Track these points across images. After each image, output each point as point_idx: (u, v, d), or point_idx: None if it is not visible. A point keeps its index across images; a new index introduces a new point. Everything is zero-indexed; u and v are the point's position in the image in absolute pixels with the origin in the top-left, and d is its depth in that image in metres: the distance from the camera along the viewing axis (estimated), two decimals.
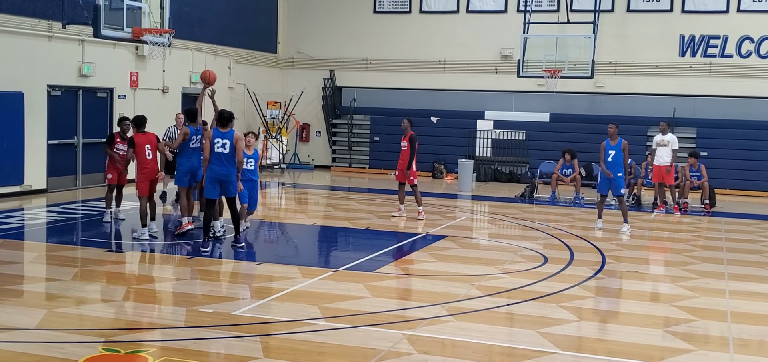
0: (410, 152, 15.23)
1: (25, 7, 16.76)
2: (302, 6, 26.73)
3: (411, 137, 15.27)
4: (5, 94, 16.19)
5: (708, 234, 15.30)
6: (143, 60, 19.80)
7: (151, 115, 19.71)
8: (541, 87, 23.52)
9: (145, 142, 12.35)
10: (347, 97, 26.58)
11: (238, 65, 24.37)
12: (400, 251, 12.36)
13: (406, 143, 15.32)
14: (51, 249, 11.79)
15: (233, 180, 11.43)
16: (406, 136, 15.37)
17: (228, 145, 11.28)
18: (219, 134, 11.32)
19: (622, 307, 9.02)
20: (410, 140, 15.26)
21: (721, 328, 8.30)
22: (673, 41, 23.28)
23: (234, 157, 11.33)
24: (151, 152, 12.34)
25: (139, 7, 15.82)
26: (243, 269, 10.82)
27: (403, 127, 15.49)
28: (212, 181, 11.36)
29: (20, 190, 16.73)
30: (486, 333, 7.87)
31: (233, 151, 11.32)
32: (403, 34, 25.65)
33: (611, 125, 14.83)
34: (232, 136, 11.35)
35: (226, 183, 11.40)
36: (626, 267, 11.35)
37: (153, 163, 12.37)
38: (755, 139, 22.37)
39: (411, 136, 15.27)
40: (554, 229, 14.70)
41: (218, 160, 11.29)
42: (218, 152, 11.27)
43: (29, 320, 7.71)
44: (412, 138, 15.27)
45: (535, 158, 23.34)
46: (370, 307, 8.68)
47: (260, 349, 7.07)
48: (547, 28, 23.52)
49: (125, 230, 13.28)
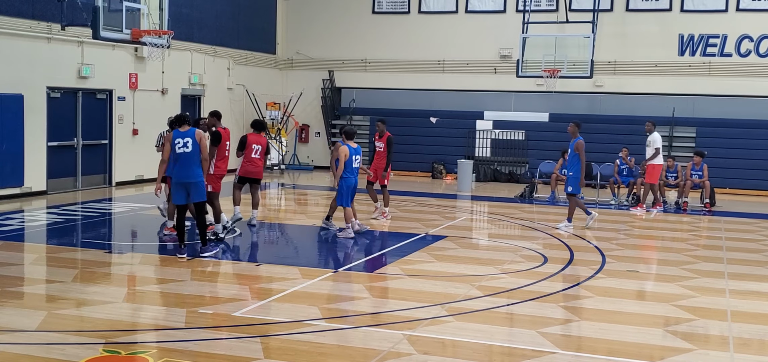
0: (387, 154, 14.98)
1: (25, 9, 16.77)
2: (301, 7, 26.73)
3: (388, 139, 15.01)
4: (5, 96, 16.19)
5: (708, 233, 15.31)
6: (142, 61, 19.80)
7: (151, 116, 19.90)
8: (540, 87, 23.52)
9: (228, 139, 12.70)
10: (346, 98, 26.59)
11: (237, 66, 24.37)
12: (400, 251, 12.35)
13: (383, 144, 15.06)
14: (51, 250, 11.79)
15: (198, 181, 10.88)
16: (382, 137, 15.10)
17: (190, 142, 10.76)
18: (179, 134, 10.82)
19: (622, 307, 9.01)
20: (387, 142, 15.01)
21: (721, 328, 8.31)
22: (672, 40, 23.29)
23: (198, 156, 10.81)
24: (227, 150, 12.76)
25: (138, 9, 15.80)
26: (243, 270, 10.82)
27: (379, 129, 15.26)
28: (177, 185, 10.90)
29: (20, 192, 16.73)
30: (486, 333, 7.88)
31: (197, 149, 10.79)
32: (402, 35, 25.65)
33: (570, 124, 14.91)
34: (194, 134, 10.83)
35: (190, 185, 10.86)
36: (626, 267, 11.35)
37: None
38: (755, 138, 22.38)
39: (388, 138, 15.01)
40: (554, 229, 14.71)
41: (181, 161, 10.80)
42: (179, 153, 10.78)
43: (30, 322, 7.71)
44: (389, 139, 15.00)
45: (534, 158, 23.35)
46: (370, 308, 8.69)
47: (260, 350, 7.07)
48: (546, 27, 23.53)
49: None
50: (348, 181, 13.00)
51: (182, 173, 10.83)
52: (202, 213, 11.18)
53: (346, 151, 12.95)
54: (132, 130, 19.87)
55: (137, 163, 19.91)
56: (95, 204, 16.42)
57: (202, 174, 10.93)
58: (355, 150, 13.08)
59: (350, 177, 13.03)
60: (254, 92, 24.53)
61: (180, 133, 10.87)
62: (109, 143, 19.42)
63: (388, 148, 15.03)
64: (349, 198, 13.11)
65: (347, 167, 12.96)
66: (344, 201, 13.07)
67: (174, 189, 11.03)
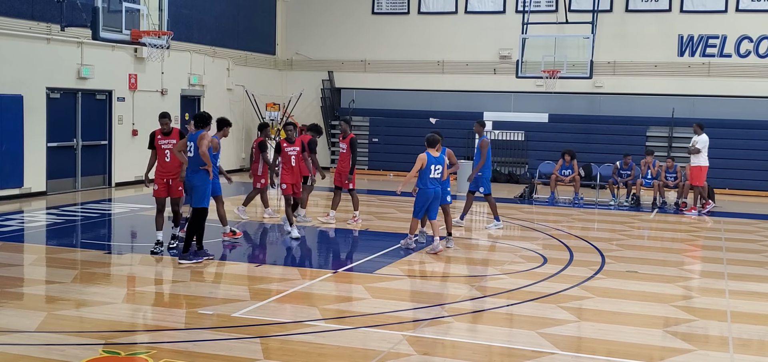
0: (350, 156, 14.33)
1: (24, 9, 16.77)
2: (301, 7, 26.73)
3: (351, 140, 14.34)
4: (4, 96, 16.19)
5: (708, 234, 15.31)
6: (142, 62, 19.80)
7: (151, 117, 19.85)
8: (539, 87, 23.52)
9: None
10: (346, 99, 26.58)
11: (237, 67, 24.37)
12: (400, 252, 12.34)
13: (346, 146, 14.40)
14: (51, 251, 11.78)
15: (195, 184, 10.64)
16: (346, 138, 14.43)
17: (192, 147, 10.67)
18: (191, 136, 10.81)
19: (622, 307, 9.01)
20: (350, 143, 14.34)
21: (721, 328, 8.31)
22: (671, 41, 23.29)
23: (197, 160, 10.61)
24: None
25: (138, 10, 15.81)
26: (243, 271, 10.81)
27: (342, 128, 14.63)
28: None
29: (20, 193, 16.72)
30: (486, 333, 7.88)
31: (196, 153, 10.62)
32: (401, 35, 25.66)
33: (476, 123, 14.98)
34: (197, 138, 10.64)
35: (190, 188, 10.83)
36: (626, 268, 11.35)
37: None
38: (754, 139, 22.39)
39: (351, 139, 14.35)
40: (554, 230, 14.71)
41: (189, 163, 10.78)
42: (189, 156, 10.75)
43: (29, 322, 7.71)
44: (352, 141, 14.36)
45: (534, 159, 23.35)
46: (369, 308, 8.68)
47: (260, 351, 7.07)
48: (546, 28, 23.54)
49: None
50: (425, 192, 11.86)
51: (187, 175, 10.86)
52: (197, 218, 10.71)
53: (423, 158, 11.77)
54: (131, 131, 19.87)
55: (137, 163, 19.84)
56: (95, 205, 16.42)
57: (196, 177, 10.64)
58: (435, 159, 11.84)
59: (428, 187, 11.83)
60: (254, 93, 24.52)
61: (191, 135, 10.80)
62: (108, 144, 19.42)
63: (351, 149, 14.35)
64: (422, 210, 11.97)
65: (424, 177, 11.81)
66: (417, 213, 12.03)
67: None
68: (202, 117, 10.91)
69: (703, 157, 17.62)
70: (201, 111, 11.02)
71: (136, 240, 13.45)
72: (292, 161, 12.90)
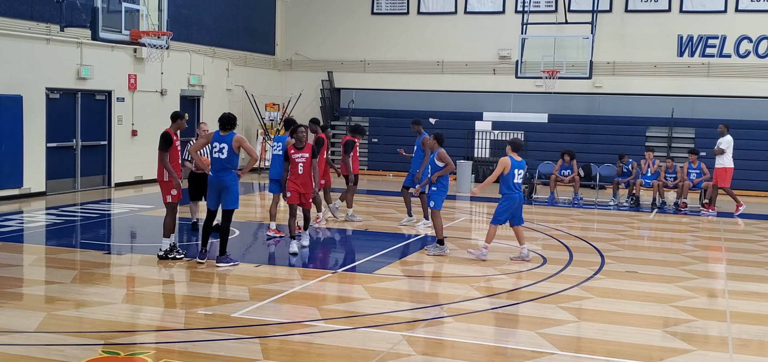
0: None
1: (24, 10, 16.76)
2: (300, 8, 26.73)
3: (316, 140, 13.36)
4: (4, 97, 16.19)
5: (708, 234, 15.31)
6: (141, 62, 19.79)
7: (150, 117, 19.88)
8: (539, 88, 23.52)
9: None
10: (346, 99, 26.58)
11: (237, 67, 24.37)
12: (399, 252, 12.35)
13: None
14: (50, 251, 11.78)
15: (228, 184, 10.45)
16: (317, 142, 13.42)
17: (227, 149, 10.41)
18: (218, 138, 10.56)
19: (622, 307, 9.01)
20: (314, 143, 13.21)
21: (721, 328, 8.31)
22: (671, 41, 23.30)
23: (231, 161, 10.43)
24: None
25: (137, 10, 15.81)
26: (242, 271, 10.81)
27: (311, 129, 13.75)
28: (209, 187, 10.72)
29: (19, 193, 16.72)
30: (485, 333, 7.88)
31: (231, 155, 10.42)
32: (401, 36, 25.66)
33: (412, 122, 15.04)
34: (231, 140, 10.45)
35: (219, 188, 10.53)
36: (625, 268, 11.35)
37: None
38: (754, 139, 22.37)
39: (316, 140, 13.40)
40: (553, 230, 14.71)
41: (214, 164, 10.56)
42: (215, 156, 10.53)
43: (29, 323, 7.71)
44: (318, 141, 13.40)
45: (533, 159, 23.30)
46: (369, 309, 8.68)
47: (259, 351, 7.07)
48: (545, 28, 23.53)
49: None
50: (509, 198, 11.51)
51: (211, 176, 10.58)
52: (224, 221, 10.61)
53: (506, 162, 11.36)
54: (131, 131, 19.86)
55: (136, 164, 19.91)
56: (94, 205, 16.42)
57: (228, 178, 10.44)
58: (518, 163, 11.45)
59: (512, 193, 11.49)
60: (253, 93, 24.52)
61: (219, 136, 10.52)
62: (108, 144, 19.41)
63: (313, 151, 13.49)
64: (504, 217, 11.58)
65: (507, 182, 11.43)
66: (496, 219, 11.61)
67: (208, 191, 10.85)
68: (229, 119, 10.62)
69: (727, 157, 17.76)
70: (226, 112, 10.71)
71: (135, 240, 13.45)
72: (300, 169, 11.67)
